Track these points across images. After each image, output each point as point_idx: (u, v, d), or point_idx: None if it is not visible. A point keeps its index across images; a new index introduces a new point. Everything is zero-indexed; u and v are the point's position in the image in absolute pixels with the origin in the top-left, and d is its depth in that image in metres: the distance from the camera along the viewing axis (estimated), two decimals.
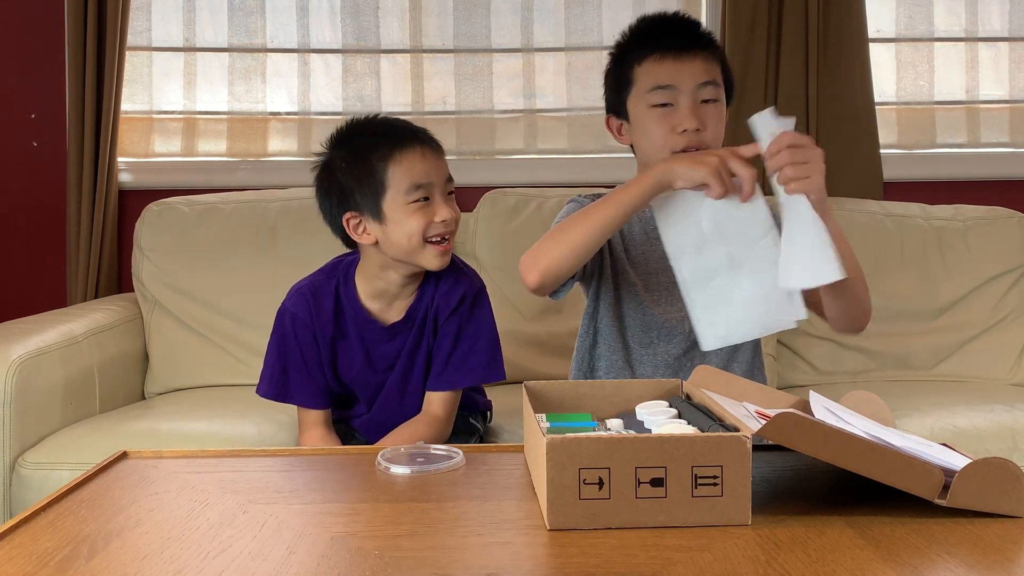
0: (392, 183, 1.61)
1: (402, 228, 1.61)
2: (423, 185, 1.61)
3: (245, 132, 2.77)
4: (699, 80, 1.53)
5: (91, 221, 2.60)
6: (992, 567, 0.86)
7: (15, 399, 1.87)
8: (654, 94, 1.54)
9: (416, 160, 1.62)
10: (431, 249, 1.63)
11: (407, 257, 1.64)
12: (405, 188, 1.61)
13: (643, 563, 0.86)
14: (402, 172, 1.61)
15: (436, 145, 1.67)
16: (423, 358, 1.74)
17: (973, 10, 2.78)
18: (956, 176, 2.77)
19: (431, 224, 1.61)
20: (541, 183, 2.65)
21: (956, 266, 2.48)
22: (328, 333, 1.72)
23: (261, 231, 2.47)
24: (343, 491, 1.12)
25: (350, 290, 1.73)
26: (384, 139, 1.64)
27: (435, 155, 1.65)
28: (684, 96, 1.52)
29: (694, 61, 1.53)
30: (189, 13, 2.75)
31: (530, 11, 2.77)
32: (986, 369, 2.44)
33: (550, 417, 1.17)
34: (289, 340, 1.73)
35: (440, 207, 1.62)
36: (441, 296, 1.70)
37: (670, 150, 1.52)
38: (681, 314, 1.56)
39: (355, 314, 1.72)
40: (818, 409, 1.12)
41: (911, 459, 0.97)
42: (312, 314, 1.71)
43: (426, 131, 1.69)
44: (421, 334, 1.73)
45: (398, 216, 1.61)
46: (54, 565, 0.88)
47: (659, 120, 1.53)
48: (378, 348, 1.73)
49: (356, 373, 1.75)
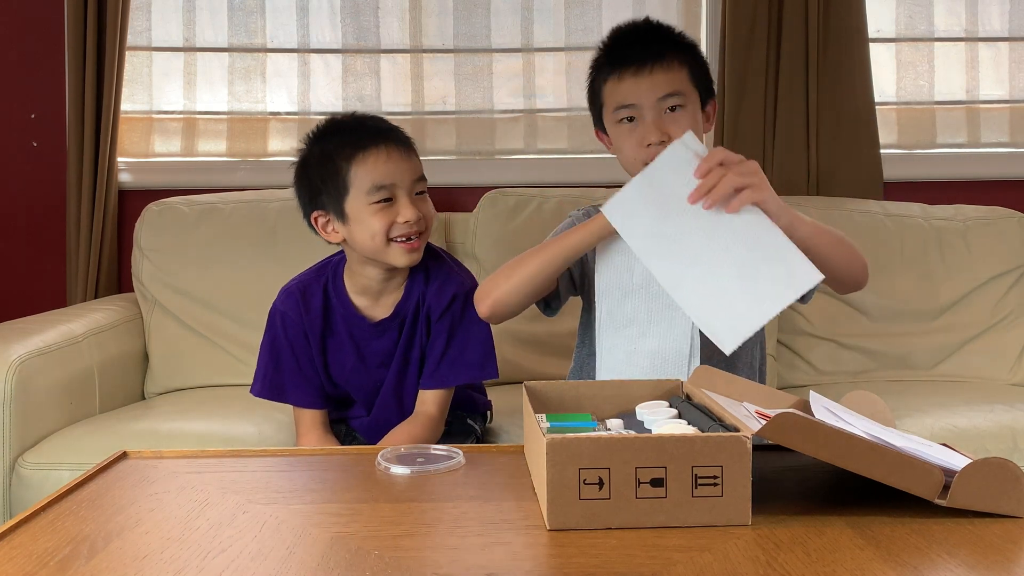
0: (354, 184, 1.62)
1: (365, 228, 1.62)
2: (385, 186, 1.62)
3: (245, 132, 2.77)
4: (659, 94, 1.55)
5: (91, 221, 2.60)
6: (992, 567, 0.86)
7: (15, 399, 1.87)
8: (619, 112, 1.58)
9: (380, 161, 1.62)
10: (397, 248, 1.63)
11: (374, 255, 1.65)
12: (367, 189, 1.61)
13: (643, 563, 0.86)
14: (364, 173, 1.62)
15: (406, 145, 1.67)
16: (417, 357, 1.74)
17: (973, 10, 2.78)
18: (956, 176, 2.77)
19: (394, 224, 1.62)
20: (541, 183, 2.65)
21: (956, 266, 2.48)
22: (318, 331, 1.73)
23: (261, 231, 2.47)
24: (343, 491, 1.12)
25: (339, 287, 1.74)
26: (349, 139, 1.65)
27: (401, 155, 1.64)
28: (647, 111, 1.55)
29: (653, 75, 1.55)
30: (189, 13, 2.75)
31: (530, 11, 2.77)
32: (986, 369, 2.44)
33: (550, 417, 1.17)
34: (280, 340, 1.74)
35: (404, 207, 1.62)
36: (432, 295, 1.71)
37: (641, 163, 1.54)
38: None
39: (343, 310, 1.73)
40: (818, 409, 1.12)
41: (911, 459, 0.97)
42: (302, 312, 1.72)
43: (397, 130, 1.69)
44: (413, 333, 1.73)
45: (361, 216, 1.62)
46: (54, 565, 0.88)
47: (627, 135, 1.57)
48: (368, 345, 1.73)
49: (349, 372, 1.75)
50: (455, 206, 2.66)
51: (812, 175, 2.67)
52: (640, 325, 1.49)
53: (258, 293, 2.39)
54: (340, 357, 1.74)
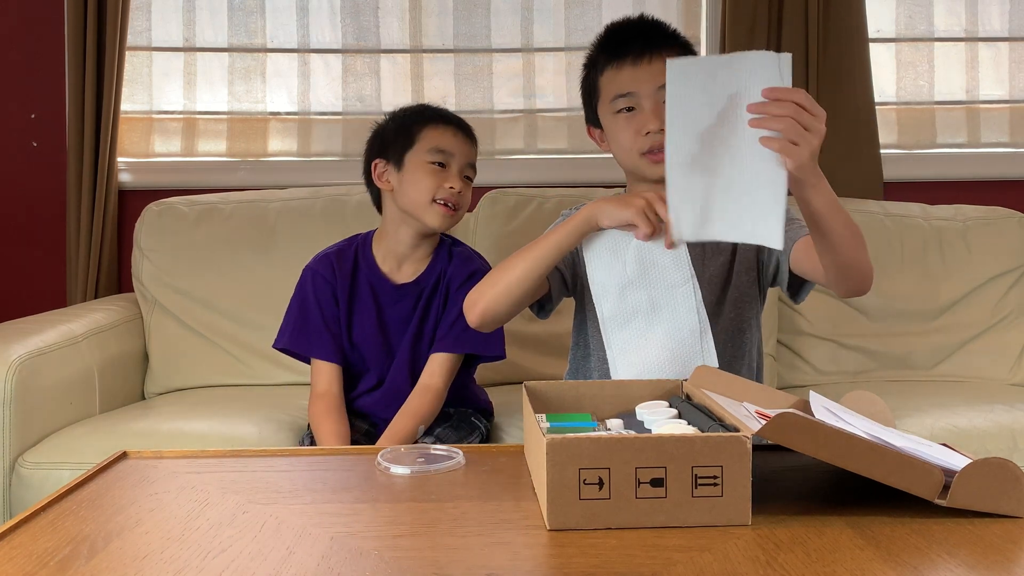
0: (419, 141, 1.84)
1: (416, 181, 1.82)
2: (444, 151, 1.83)
3: (245, 132, 2.77)
4: (659, 83, 1.52)
5: (91, 221, 2.60)
6: (992, 567, 0.86)
7: (15, 399, 1.87)
8: (616, 101, 1.57)
9: (447, 133, 1.85)
10: (437, 208, 1.82)
11: (414, 209, 1.83)
12: (428, 148, 1.83)
13: (643, 563, 0.86)
14: (431, 136, 1.84)
15: (471, 137, 1.89)
16: (431, 328, 1.87)
17: (973, 10, 2.78)
18: (956, 176, 2.77)
19: (441, 187, 1.81)
20: (541, 183, 2.65)
21: (956, 266, 2.48)
22: (345, 292, 1.89)
23: (261, 231, 2.47)
24: (343, 491, 1.12)
25: (367, 250, 1.93)
26: (432, 112, 1.90)
27: (465, 139, 1.87)
28: (645, 100, 1.54)
29: (652, 64, 1.54)
30: (189, 13, 2.75)
31: (530, 11, 2.77)
32: (986, 369, 2.44)
33: (550, 417, 1.17)
34: (309, 296, 1.90)
35: (454, 177, 1.83)
36: (455, 267, 1.89)
37: (638, 152, 1.55)
38: None
39: (369, 271, 1.90)
40: (818, 409, 1.12)
41: (911, 459, 0.97)
42: (334, 272, 1.90)
43: (469, 126, 1.91)
44: (430, 304, 1.88)
45: (416, 170, 1.83)
46: (54, 565, 0.87)
47: (625, 125, 1.56)
48: (388, 310, 1.89)
49: (368, 334, 1.88)
50: None
51: None
52: (645, 314, 1.47)
53: (258, 293, 2.40)
54: (362, 319, 1.88)
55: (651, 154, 1.54)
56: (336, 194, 2.51)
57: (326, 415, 1.81)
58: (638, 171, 1.57)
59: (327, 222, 2.44)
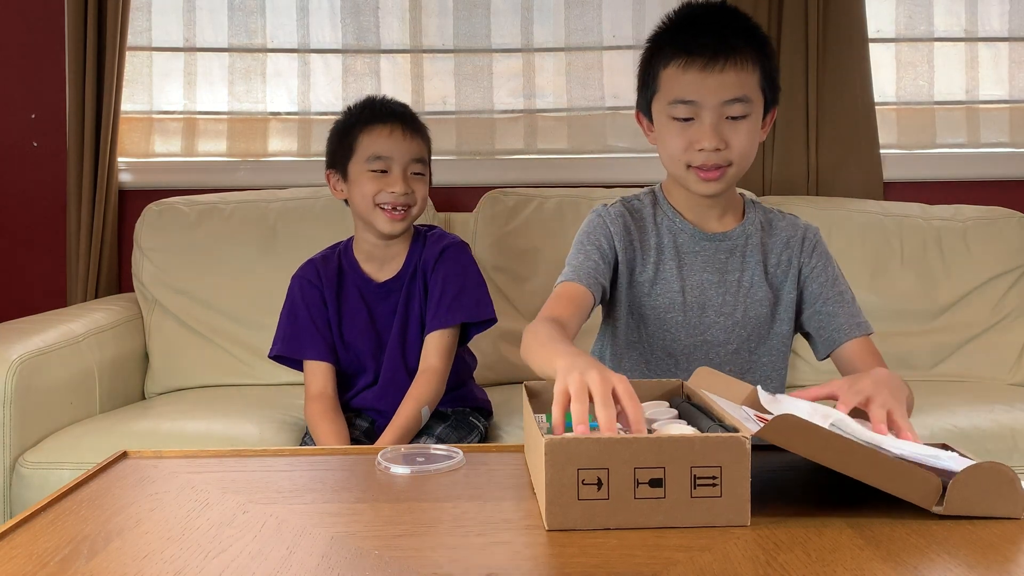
0: (358, 150, 1.87)
1: (359, 189, 1.87)
2: (381, 157, 1.86)
3: (245, 132, 2.77)
4: (725, 97, 1.41)
5: (91, 221, 2.60)
6: (992, 567, 0.86)
7: (15, 399, 1.87)
8: (675, 107, 1.43)
9: (383, 136, 1.86)
10: (381, 214, 1.86)
11: (364, 216, 1.88)
12: (366, 157, 1.86)
13: (643, 563, 0.86)
14: (367, 143, 1.86)
15: (412, 128, 1.89)
16: (417, 313, 1.91)
17: (973, 10, 2.78)
18: (956, 176, 2.77)
19: (382, 192, 1.85)
20: (541, 183, 2.65)
21: (956, 266, 2.48)
22: (333, 293, 1.93)
23: (261, 231, 2.47)
24: (343, 491, 1.12)
25: (349, 254, 1.97)
26: (367, 113, 1.90)
27: (404, 135, 1.87)
28: (707, 112, 1.42)
29: (724, 74, 1.40)
30: (189, 13, 2.75)
31: (530, 11, 2.77)
32: (986, 369, 2.44)
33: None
34: (298, 302, 1.93)
35: (395, 180, 1.85)
36: (428, 253, 1.92)
37: (686, 164, 1.45)
38: (689, 343, 1.53)
39: (353, 273, 1.94)
40: (768, 402, 1.12)
41: (909, 466, 0.96)
42: (320, 277, 1.93)
43: (409, 115, 1.91)
44: (412, 291, 1.92)
45: (359, 179, 1.87)
46: (54, 565, 0.88)
47: (679, 133, 1.44)
48: (377, 307, 1.92)
49: (360, 331, 1.91)
50: (455, 206, 2.66)
51: (812, 175, 2.67)
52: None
53: (258, 293, 2.40)
54: (352, 318, 1.92)
55: (701, 170, 1.44)
56: None
57: (322, 417, 1.81)
58: (683, 182, 1.48)
59: (327, 222, 2.44)
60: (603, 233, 1.52)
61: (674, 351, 1.53)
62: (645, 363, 1.55)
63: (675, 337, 1.53)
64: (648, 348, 1.54)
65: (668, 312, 1.52)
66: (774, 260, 1.54)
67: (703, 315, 1.52)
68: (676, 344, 1.53)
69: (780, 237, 1.55)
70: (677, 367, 1.53)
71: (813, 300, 1.53)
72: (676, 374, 1.52)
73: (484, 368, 2.23)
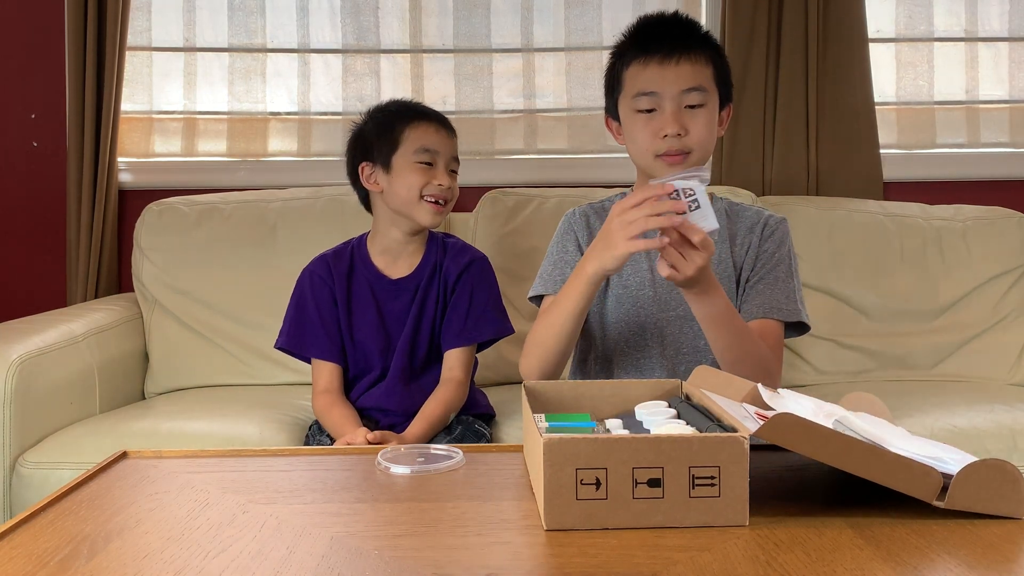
0: (405, 142, 1.88)
1: (404, 181, 1.87)
2: (430, 151, 1.88)
3: (245, 132, 2.77)
4: (683, 86, 1.54)
5: (91, 221, 2.60)
6: (992, 567, 0.86)
7: (15, 399, 1.88)
8: (638, 100, 1.56)
9: (431, 131, 1.89)
10: (426, 206, 1.87)
11: (405, 208, 1.88)
12: (414, 149, 1.87)
13: (643, 563, 0.86)
14: (416, 135, 1.88)
15: (450, 129, 1.94)
16: (430, 318, 1.92)
17: (973, 10, 2.79)
18: (956, 176, 2.77)
19: (429, 184, 1.86)
20: (541, 183, 2.65)
21: (956, 266, 2.48)
22: (343, 290, 1.93)
23: (261, 231, 2.47)
24: (343, 491, 1.12)
25: (362, 249, 1.97)
26: (409, 110, 1.94)
27: (447, 134, 1.92)
28: (667, 102, 1.54)
29: (679, 66, 1.54)
30: (189, 13, 2.75)
31: (530, 11, 2.77)
32: (986, 369, 2.44)
33: (549, 417, 1.17)
34: (306, 296, 1.94)
35: (441, 174, 1.88)
36: (450, 259, 1.94)
37: (653, 154, 1.55)
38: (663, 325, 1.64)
39: (365, 269, 1.95)
40: (768, 397, 1.13)
41: (909, 461, 0.96)
42: (331, 273, 1.93)
43: (447, 119, 1.96)
44: (427, 295, 1.92)
45: (404, 170, 1.87)
46: (54, 565, 0.88)
47: (643, 125, 1.56)
48: (388, 305, 1.93)
49: (369, 329, 1.91)
50: (455, 206, 2.65)
51: (812, 175, 2.67)
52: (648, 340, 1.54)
53: (258, 293, 2.40)
54: (362, 315, 1.92)
55: (667, 156, 1.54)
56: (336, 194, 2.51)
57: (331, 406, 1.86)
58: (652, 171, 1.56)
59: (327, 222, 2.44)
60: (569, 238, 1.70)
61: (647, 326, 1.64)
62: (625, 342, 1.66)
63: (648, 312, 1.64)
64: (626, 326, 1.65)
65: (640, 289, 1.65)
66: (739, 242, 1.65)
67: (672, 290, 1.62)
68: (650, 319, 1.65)
69: (745, 224, 1.67)
70: (654, 341, 1.64)
71: (748, 275, 1.64)
72: (655, 348, 1.63)
73: (484, 368, 2.23)
